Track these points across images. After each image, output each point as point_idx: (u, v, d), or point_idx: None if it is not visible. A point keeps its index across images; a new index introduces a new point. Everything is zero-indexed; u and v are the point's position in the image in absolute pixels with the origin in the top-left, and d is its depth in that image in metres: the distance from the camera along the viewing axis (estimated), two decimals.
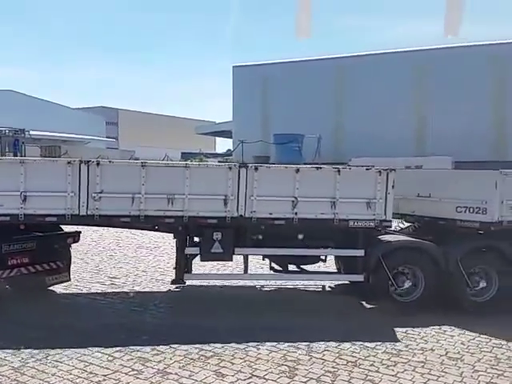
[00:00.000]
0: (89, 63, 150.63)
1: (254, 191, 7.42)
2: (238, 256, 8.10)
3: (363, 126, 28.90)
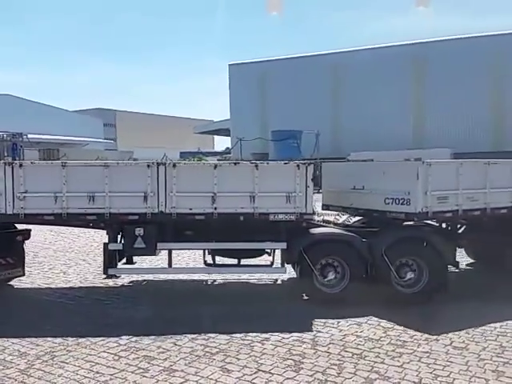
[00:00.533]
0: (85, 66, 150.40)
1: (173, 188, 7.60)
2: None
3: (361, 121, 28.88)
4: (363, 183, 8.44)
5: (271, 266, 8.36)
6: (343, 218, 9.03)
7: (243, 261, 8.42)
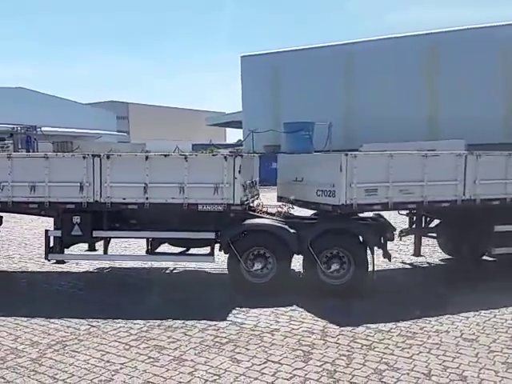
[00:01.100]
0: (96, 59, 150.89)
1: (107, 178, 7.92)
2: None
3: (374, 112, 28.67)
4: (302, 175, 8.57)
5: (211, 255, 8.43)
6: (284, 209, 9.14)
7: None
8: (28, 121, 25.41)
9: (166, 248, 8.84)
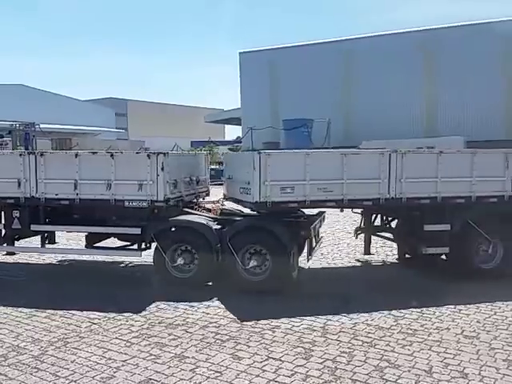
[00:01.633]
0: (96, 55, 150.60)
1: (41, 175, 8.36)
2: None
3: (373, 109, 28.62)
4: (233, 173, 8.85)
5: (139, 250, 8.62)
6: (219, 205, 9.37)
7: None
8: (27, 118, 25.36)
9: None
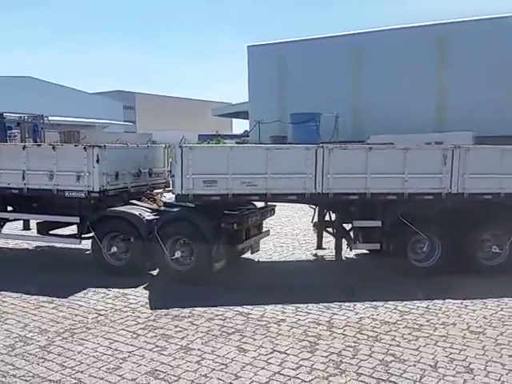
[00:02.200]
0: (103, 48, 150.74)
1: None
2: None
3: (382, 103, 28.48)
4: (172, 167, 8.81)
5: (78, 238, 9.05)
6: (161, 197, 9.74)
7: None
8: (36, 110, 25.47)
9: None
